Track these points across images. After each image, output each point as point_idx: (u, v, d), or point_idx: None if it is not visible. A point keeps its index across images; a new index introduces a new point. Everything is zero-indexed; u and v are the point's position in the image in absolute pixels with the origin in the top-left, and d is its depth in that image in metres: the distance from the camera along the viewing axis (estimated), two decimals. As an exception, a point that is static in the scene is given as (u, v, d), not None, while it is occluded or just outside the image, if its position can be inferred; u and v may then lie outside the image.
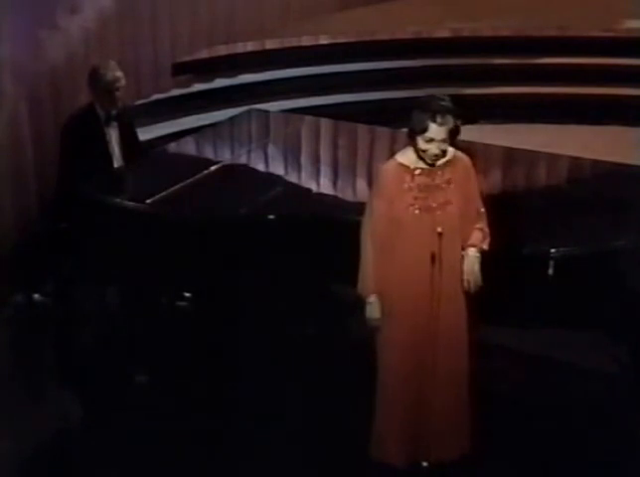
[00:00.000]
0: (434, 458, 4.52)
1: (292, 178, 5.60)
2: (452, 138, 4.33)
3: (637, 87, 8.63)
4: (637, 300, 4.71)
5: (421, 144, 4.30)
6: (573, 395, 5.12)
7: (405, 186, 4.34)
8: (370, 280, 4.40)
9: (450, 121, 4.26)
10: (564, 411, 4.99)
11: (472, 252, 4.41)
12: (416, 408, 4.47)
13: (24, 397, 5.23)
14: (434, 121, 4.24)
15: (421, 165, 4.37)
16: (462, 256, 4.40)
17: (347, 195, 5.48)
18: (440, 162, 4.38)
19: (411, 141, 4.34)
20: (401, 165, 4.38)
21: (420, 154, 4.34)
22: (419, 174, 4.36)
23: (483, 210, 4.46)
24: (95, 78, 5.70)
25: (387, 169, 4.42)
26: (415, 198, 4.34)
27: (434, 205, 4.34)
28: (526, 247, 4.71)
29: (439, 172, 4.37)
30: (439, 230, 4.29)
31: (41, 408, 5.14)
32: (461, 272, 4.38)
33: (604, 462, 4.64)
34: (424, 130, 4.26)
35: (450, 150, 4.41)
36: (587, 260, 4.67)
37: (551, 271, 4.61)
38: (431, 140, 4.27)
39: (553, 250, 4.63)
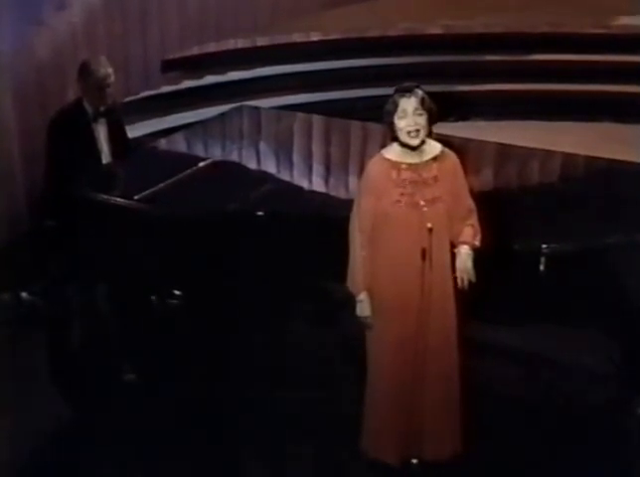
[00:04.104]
0: (426, 456, 4.51)
1: (283, 175, 5.58)
2: (430, 117, 4.30)
3: (629, 84, 8.62)
4: (629, 297, 4.69)
5: (398, 123, 4.29)
6: (565, 392, 5.09)
7: (392, 181, 4.33)
8: (359, 277, 4.38)
9: (418, 93, 4.30)
10: (556, 410, 4.97)
11: (464, 250, 4.38)
12: (407, 405, 4.45)
13: (13, 396, 5.18)
14: (402, 96, 4.29)
15: (408, 160, 4.35)
16: (452, 253, 4.37)
17: (338, 191, 5.45)
18: (427, 158, 4.36)
19: (391, 130, 4.33)
20: (387, 160, 4.36)
21: (402, 139, 4.31)
22: (406, 169, 4.34)
23: (473, 206, 4.43)
24: (86, 73, 5.64)
25: (373, 164, 4.41)
26: (402, 194, 4.32)
27: (422, 201, 4.32)
28: (517, 243, 4.68)
29: (426, 168, 4.35)
30: (429, 225, 4.27)
31: (30, 408, 5.08)
32: (451, 268, 4.36)
33: (599, 461, 4.62)
34: (396, 107, 4.27)
35: (437, 146, 4.40)
36: (579, 257, 4.66)
37: (542, 267, 4.59)
38: (405, 114, 4.27)
39: (544, 246, 4.61)
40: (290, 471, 4.69)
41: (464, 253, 4.37)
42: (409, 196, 4.32)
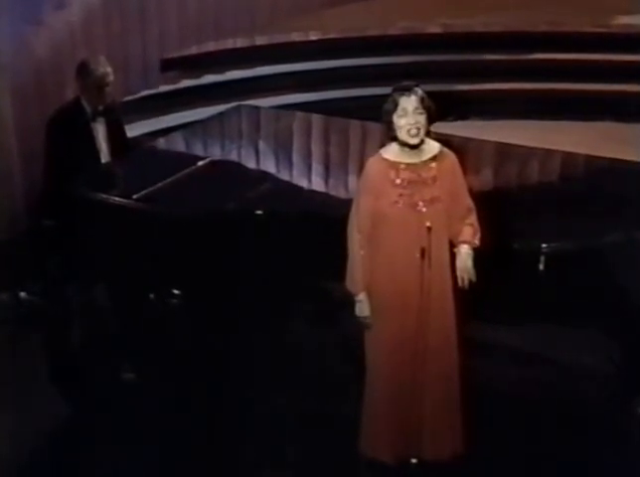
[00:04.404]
0: (426, 456, 4.49)
1: (282, 174, 5.56)
2: (429, 114, 4.28)
3: (629, 83, 8.60)
4: (629, 296, 4.67)
5: (398, 122, 4.27)
6: (565, 392, 5.08)
7: (390, 182, 4.30)
8: (358, 277, 4.37)
9: (418, 91, 4.28)
10: (556, 410, 4.95)
11: (465, 249, 4.36)
12: (406, 405, 4.43)
13: (12, 396, 5.18)
14: (402, 94, 4.27)
15: (406, 160, 4.33)
16: (451, 252, 4.35)
17: (338, 191, 5.43)
18: (425, 157, 4.34)
19: (390, 129, 4.30)
20: (386, 160, 4.34)
21: (401, 138, 4.29)
22: (404, 169, 4.32)
23: (472, 205, 4.42)
24: (84, 72, 5.63)
25: (371, 165, 4.38)
26: (400, 194, 4.30)
27: (420, 202, 4.30)
28: (517, 243, 4.66)
29: (425, 168, 4.33)
30: (428, 224, 4.26)
31: (28, 408, 5.07)
32: (450, 267, 4.34)
33: (599, 461, 4.61)
34: (396, 105, 4.25)
35: (436, 146, 4.38)
36: (579, 256, 4.64)
37: (541, 267, 4.58)
38: (405, 113, 4.25)
39: (543, 246, 4.59)
40: (289, 471, 4.68)
41: (464, 253, 4.35)
42: (408, 196, 4.30)
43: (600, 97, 8.60)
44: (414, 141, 4.29)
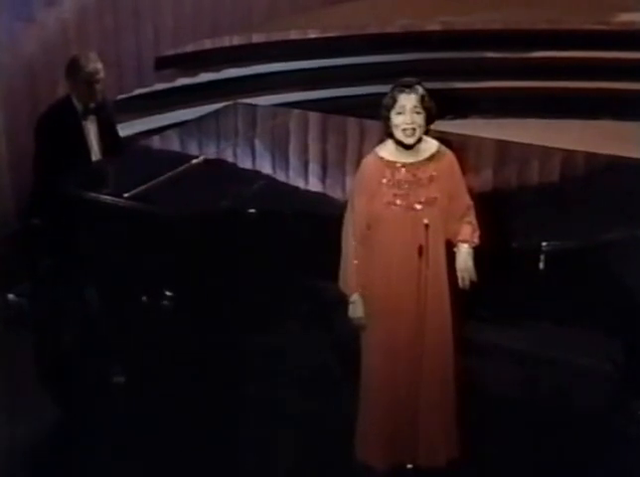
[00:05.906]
0: (422, 461, 4.42)
1: (278, 172, 5.53)
2: (429, 116, 4.20)
3: (630, 81, 8.60)
4: (629, 295, 4.63)
5: (395, 119, 4.18)
6: (565, 393, 5.04)
7: (386, 182, 4.22)
8: (352, 278, 4.30)
9: (418, 90, 4.19)
10: (556, 410, 4.91)
11: (465, 248, 4.30)
12: (402, 410, 4.37)
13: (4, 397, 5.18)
14: (402, 91, 4.18)
15: (403, 159, 4.24)
16: (449, 251, 4.29)
17: (334, 189, 5.38)
18: (423, 157, 4.26)
19: (386, 126, 4.21)
20: (382, 159, 4.25)
21: (396, 136, 4.20)
22: (401, 169, 4.23)
23: (471, 203, 4.35)
24: (75, 69, 5.58)
25: (366, 164, 4.30)
26: (395, 195, 4.21)
27: (416, 203, 4.22)
28: (517, 241, 4.62)
29: (422, 167, 4.25)
30: (426, 221, 4.18)
31: (17, 410, 5.04)
32: (446, 267, 4.27)
33: (599, 462, 4.58)
34: (394, 102, 4.16)
35: (434, 145, 4.30)
36: (579, 254, 4.60)
37: (542, 266, 4.53)
38: (402, 110, 4.16)
39: (544, 244, 4.54)
40: (284, 473, 4.64)
41: (464, 252, 4.29)
42: (403, 197, 4.22)
43: (601, 96, 8.60)
44: (409, 141, 4.20)
